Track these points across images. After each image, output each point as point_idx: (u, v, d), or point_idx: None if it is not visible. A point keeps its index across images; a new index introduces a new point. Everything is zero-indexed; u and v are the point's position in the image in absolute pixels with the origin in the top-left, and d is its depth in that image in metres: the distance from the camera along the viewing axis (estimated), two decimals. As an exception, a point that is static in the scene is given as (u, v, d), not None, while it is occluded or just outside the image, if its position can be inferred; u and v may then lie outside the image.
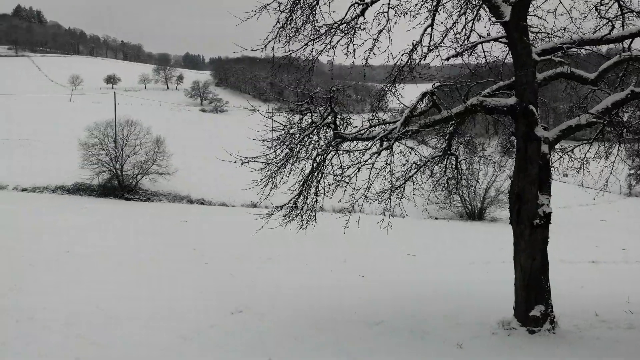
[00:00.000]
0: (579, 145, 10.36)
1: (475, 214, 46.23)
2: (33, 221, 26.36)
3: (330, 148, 8.12)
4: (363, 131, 7.79)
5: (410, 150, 8.18)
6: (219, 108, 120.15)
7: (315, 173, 8.59)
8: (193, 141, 70.40)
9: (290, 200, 8.73)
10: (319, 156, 8.25)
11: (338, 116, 7.99)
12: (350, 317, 9.04)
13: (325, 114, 7.81)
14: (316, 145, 8.12)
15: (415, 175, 10.27)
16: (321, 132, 8.04)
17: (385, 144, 7.48)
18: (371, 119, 8.29)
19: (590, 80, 8.16)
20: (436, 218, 46.05)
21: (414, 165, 10.00)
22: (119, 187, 43.36)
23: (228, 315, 9.50)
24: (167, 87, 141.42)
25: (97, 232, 24.91)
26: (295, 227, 8.93)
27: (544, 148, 7.71)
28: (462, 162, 10.79)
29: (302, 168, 8.57)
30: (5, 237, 20.06)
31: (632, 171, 63.23)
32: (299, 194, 8.66)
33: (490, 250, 24.66)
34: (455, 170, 10.48)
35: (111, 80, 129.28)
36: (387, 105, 8.14)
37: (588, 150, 10.36)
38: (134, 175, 44.17)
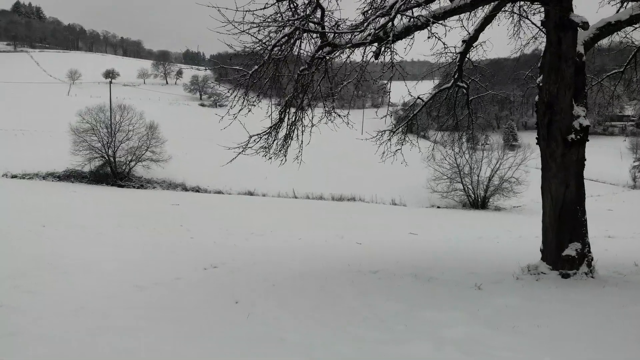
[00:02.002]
0: (608, 76, 8.93)
1: (479, 203, 44.74)
2: (15, 201, 25.03)
3: (317, 60, 6.61)
4: (357, 32, 6.20)
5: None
6: (218, 102, 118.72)
7: (301, 96, 7.11)
8: (190, 132, 69.25)
9: (270, 127, 7.24)
10: (304, 71, 6.75)
11: (327, 14, 6.47)
12: (342, 268, 7.56)
13: (309, 8, 6.32)
14: (298, 57, 6.61)
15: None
16: (305, 39, 6.52)
17: (384, 46, 5.99)
18: (366, 11, 6.79)
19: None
20: (438, 207, 44.61)
21: (418, 99, 8.54)
22: (111, 174, 41.98)
23: (200, 270, 8.08)
24: (167, 82, 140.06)
25: (81, 211, 23.59)
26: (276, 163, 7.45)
27: (580, 48, 6.22)
28: (472, 100, 9.29)
29: (285, 89, 7.09)
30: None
31: (636, 163, 62.02)
32: (280, 121, 7.17)
33: (498, 231, 23.25)
34: (467, 107, 9.01)
35: (110, 74, 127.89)
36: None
37: (618, 82, 8.92)
38: (127, 162, 42.84)
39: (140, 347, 4.02)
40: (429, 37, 5.66)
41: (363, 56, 6.30)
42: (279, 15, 6.41)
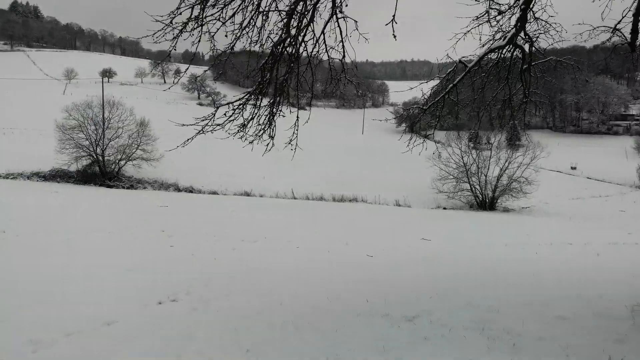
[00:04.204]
0: None
1: (486, 204, 42.25)
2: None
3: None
4: None
5: None
6: (217, 102, 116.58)
7: (298, 41, 4.66)
8: (187, 131, 67.14)
9: (249, 92, 4.79)
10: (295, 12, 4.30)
11: None
12: (359, 307, 5.10)
13: None
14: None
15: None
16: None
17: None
18: None
19: None
20: (444, 208, 42.16)
21: (459, 64, 6.12)
22: (99, 174, 39.47)
23: (151, 305, 5.70)
24: (164, 82, 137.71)
25: (56, 213, 21.16)
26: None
27: None
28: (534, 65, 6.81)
29: (268, 36, 4.62)
30: None
31: (642, 163, 60.28)
32: (263, 80, 4.71)
33: (518, 235, 20.77)
34: (521, 78, 6.59)
35: (106, 73, 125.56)
36: None
37: None
38: (117, 161, 40.36)
39: None
40: None
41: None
42: None
